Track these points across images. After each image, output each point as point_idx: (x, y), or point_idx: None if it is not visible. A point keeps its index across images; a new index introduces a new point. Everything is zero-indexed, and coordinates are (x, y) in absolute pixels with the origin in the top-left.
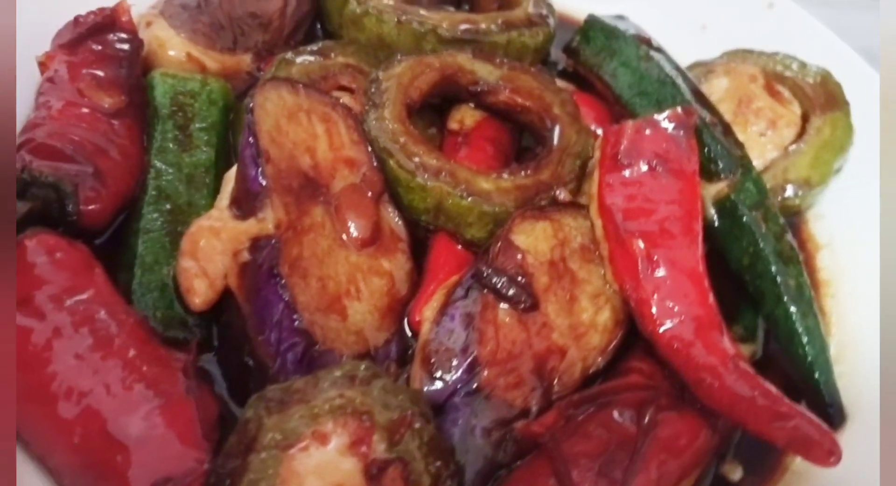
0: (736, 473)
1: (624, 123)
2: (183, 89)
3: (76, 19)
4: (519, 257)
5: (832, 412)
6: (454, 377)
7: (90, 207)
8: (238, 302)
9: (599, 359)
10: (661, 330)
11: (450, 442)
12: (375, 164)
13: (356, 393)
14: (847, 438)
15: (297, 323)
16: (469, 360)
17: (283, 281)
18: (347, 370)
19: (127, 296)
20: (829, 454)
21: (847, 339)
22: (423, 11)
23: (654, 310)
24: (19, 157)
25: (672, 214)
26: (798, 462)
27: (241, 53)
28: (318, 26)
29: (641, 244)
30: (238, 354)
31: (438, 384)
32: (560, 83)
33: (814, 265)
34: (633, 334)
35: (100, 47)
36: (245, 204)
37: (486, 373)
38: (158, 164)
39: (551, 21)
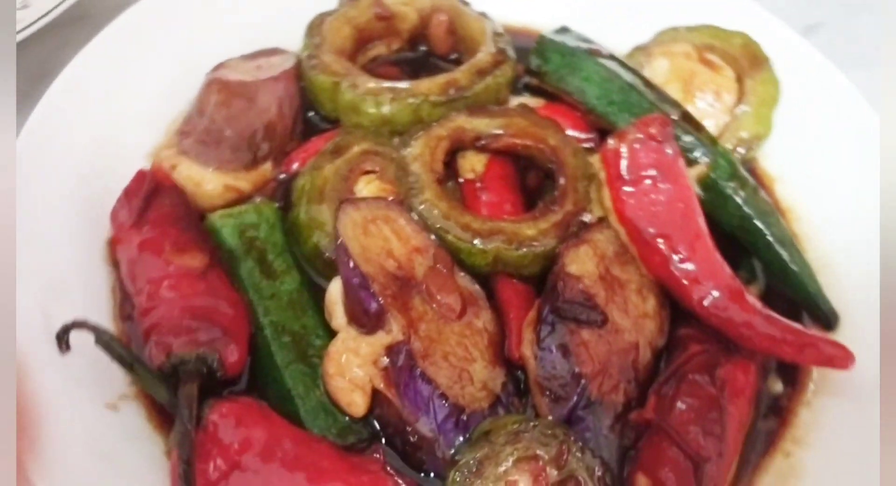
0: (777, 386)
1: (613, 140)
2: (243, 223)
3: (127, 194)
4: (579, 285)
5: (829, 315)
6: (571, 396)
7: (231, 361)
8: (387, 398)
9: (660, 339)
10: (704, 304)
11: (589, 446)
12: (437, 242)
13: (523, 443)
14: (843, 336)
15: (445, 402)
16: (576, 380)
17: (424, 373)
18: (510, 429)
19: (299, 424)
20: (846, 361)
21: (819, 255)
22: (403, 84)
23: (692, 292)
24: (152, 344)
25: (679, 211)
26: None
27: (261, 164)
28: (311, 113)
29: (663, 244)
30: (402, 436)
31: (561, 406)
32: (530, 100)
33: (776, 196)
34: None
35: (158, 213)
36: (366, 320)
37: (592, 386)
38: (260, 301)
39: (510, 52)
